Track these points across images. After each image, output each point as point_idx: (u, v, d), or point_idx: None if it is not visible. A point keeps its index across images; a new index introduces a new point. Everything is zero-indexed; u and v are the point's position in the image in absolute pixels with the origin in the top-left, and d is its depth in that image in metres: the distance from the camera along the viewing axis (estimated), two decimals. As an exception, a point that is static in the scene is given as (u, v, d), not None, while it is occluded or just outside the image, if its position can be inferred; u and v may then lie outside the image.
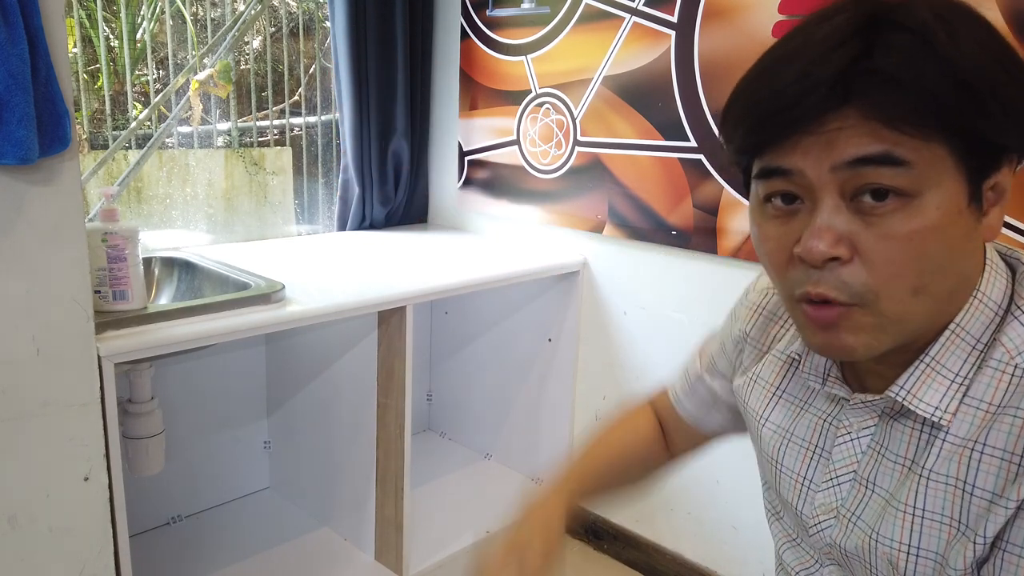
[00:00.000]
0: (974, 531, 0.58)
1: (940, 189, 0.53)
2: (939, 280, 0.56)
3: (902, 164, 0.53)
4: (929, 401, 0.60)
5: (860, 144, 0.53)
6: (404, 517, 1.76)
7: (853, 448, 0.68)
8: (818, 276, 0.57)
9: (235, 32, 2.01)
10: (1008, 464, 0.57)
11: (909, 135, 0.52)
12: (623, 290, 1.97)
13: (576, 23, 1.93)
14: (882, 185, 0.53)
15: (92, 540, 1.22)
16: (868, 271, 0.55)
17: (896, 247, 0.54)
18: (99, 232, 1.26)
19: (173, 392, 1.87)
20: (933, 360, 0.61)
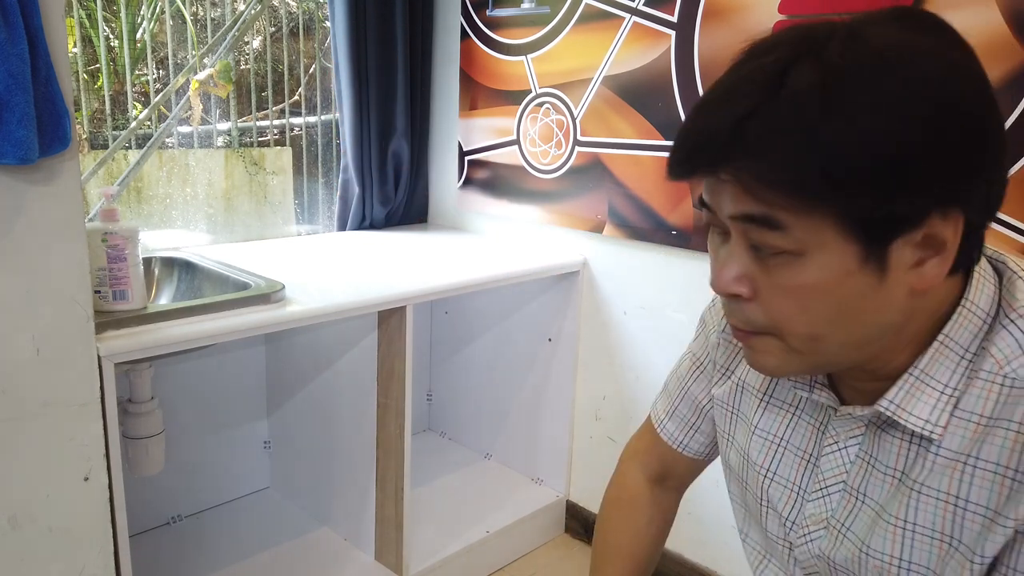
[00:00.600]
0: (970, 549, 0.58)
1: (824, 251, 0.54)
2: (840, 331, 0.57)
3: (779, 228, 0.54)
4: (919, 414, 0.60)
5: (742, 202, 0.55)
6: (404, 517, 1.76)
7: (841, 458, 0.67)
8: (729, 307, 0.61)
9: (235, 32, 2.00)
10: (1003, 479, 0.56)
11: (786, 202, 0.52)
12: (623, 290, 1.97)
13: (576, 23, 1.92)
14: (766, 243, 0.55)
15: (92, 540, 1.22)
16: (765, 312, 0.58)
17: (784, 297, 0.57)
18: (99, 232, 1.26)
19: (173, 392, 1.87)
20: (922, 372, 0.60)
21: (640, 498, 0.94)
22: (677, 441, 0.89)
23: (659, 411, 0.92)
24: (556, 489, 2.20)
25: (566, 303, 2.09)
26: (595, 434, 2.10)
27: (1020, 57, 1.27)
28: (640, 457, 0.95)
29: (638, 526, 0.93)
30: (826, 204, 0.52)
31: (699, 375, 0.86)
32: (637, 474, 0.95)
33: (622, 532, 0.93)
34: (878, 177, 0.51)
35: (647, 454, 0.94)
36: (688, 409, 0.88)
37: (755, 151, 0.52)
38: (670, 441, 0.90)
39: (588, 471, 2.14)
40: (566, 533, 2.20)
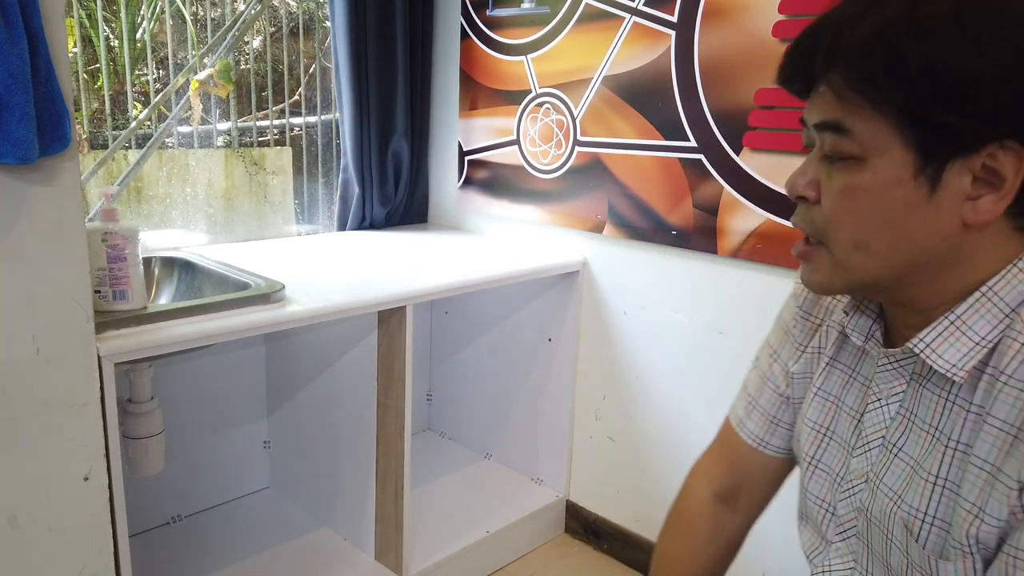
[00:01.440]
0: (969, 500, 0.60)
1: (884, 158, 0.60)
2: (880, 240, 0.62)
3: (846, 132, 0.61)
4: (948, 358, 0.62)
5: (824, 110, 0.63)
6: (404, 517, 1.76)
7: (882, 415, 0.70)
8: (798, 212, 0.68)
9: (235, 32, 2.00)
10: (1006, 436, 0.58)
11: (852, 106, 0.60)
12: (623, 290, 1.97)
13: (576, 23, 1.92)
14: (834, 150, 0.62)
15: (92, 540, 1.22)
16: (824, 215, 0.64)
17: (836, 198, 0.63)
18: (99, 232, 1.26)
19: (173, 392, 1.87)
20: (958, 319, 0.62)
21: (702, 515, 0.92)
22: (757, 438, 0.88)
23: (738, 411, 0.91)
24: (556, 489, 2.20)
25: (566, 303, 2.09)
26: (595, 434, 2.10)
27: None
28: (708, 471, 0.94)
29: (697, 543, 0.91)
30: (891, 105, 0.58)
31: (774, 362, 0.87)
32: (702, 490, 0.93)
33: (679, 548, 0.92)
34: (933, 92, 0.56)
35: (716, 467, 0.93)
36: (769, 400, 0.87)
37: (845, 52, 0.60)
38: (750, 439, 0.89)
39: (588, 471, 2.14)
40: (566, 533, 2.20)
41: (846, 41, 0.59)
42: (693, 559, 0.91)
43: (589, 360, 2.08)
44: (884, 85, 0.58)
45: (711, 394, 1.81)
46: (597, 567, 2.07)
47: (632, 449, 2.01)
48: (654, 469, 1.97)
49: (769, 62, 1.55)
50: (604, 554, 2.11)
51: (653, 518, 1.99)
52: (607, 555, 2.10)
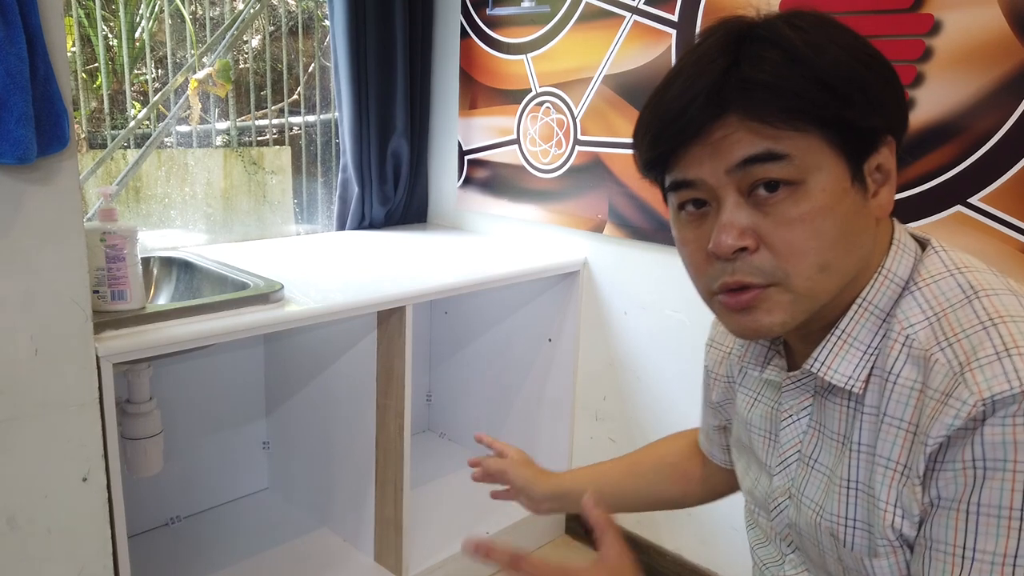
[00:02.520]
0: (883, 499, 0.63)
1: (822, 172, 0.60)
2: (841, 255, 0.62)
3: (783, 157, 0.59)
4: (843, 372, 0.66)
5: (744, 146, 0.60)
6: (404, 518, 1.76)
7: (795, 429, 0.73)
8: (732, 267, 0.63)
9: (234, 31, 2.00)
10: (904, 433, 0.62)
11: (784, 131, 0.59)
12: (623, 290, 1.96)
13: (576, 22, 1.92)
14: (770, 178, 0.60)
15: (91, 541, 1.22)
16: (774, 255, 0.61)
17: (793, 230, 0.61)
18: (98, 232, 1.25)
19: (172, 392, 1.87)
20: (844, 333, 0.66)
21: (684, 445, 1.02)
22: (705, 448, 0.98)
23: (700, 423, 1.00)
24: (556, 489, 2.19)
25: (566, 303, 2.08)
26: (595, 434, 2.10)
27: (1021, 56, 1.27)
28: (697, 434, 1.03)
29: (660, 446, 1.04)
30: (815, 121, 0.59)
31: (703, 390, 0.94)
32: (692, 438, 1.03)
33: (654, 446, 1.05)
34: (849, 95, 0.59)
35: None
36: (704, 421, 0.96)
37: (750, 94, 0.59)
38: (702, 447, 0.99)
39: (588, 471, 2.13)
40: (566, 534, 2.20)
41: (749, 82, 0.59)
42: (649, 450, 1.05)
43: (589, 360, 2.08)
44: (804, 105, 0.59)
45: (711, 394, 1.81)
46: (597, 568, 2.06)
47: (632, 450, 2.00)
48: (654, 469, 1.97)
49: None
50: (604, 554, 2.10)
51: (654, 520, 1.99)
52: (607, 555, 2.10)
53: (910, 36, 1.38)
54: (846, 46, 0.60)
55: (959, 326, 0.60)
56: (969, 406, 0.55)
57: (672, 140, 0.62)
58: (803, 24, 0.61)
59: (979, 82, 1.32)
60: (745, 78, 0.59)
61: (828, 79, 0.58)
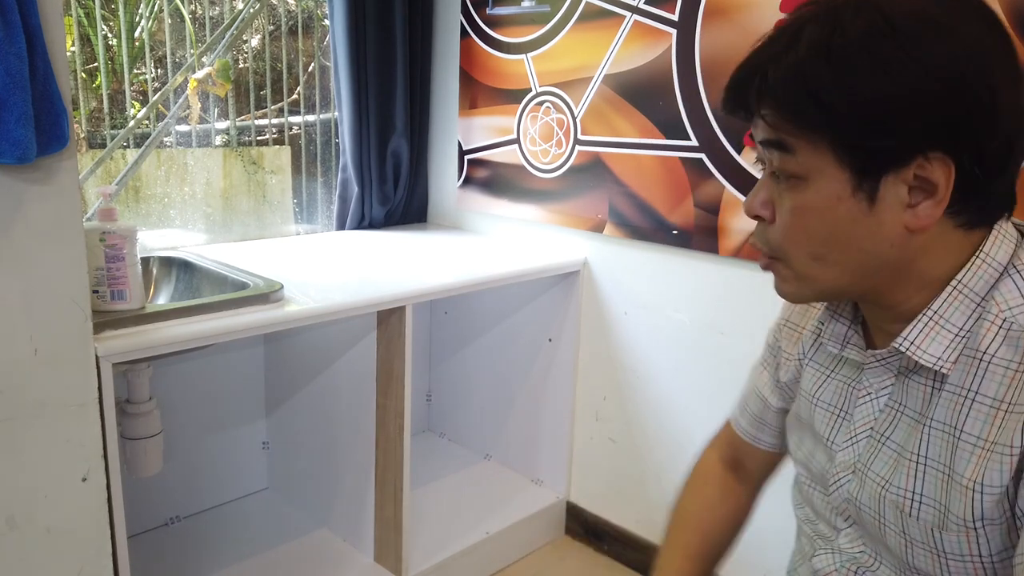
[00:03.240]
0: (964, 476, 0.64)
1: (823, 176, 0.64)
2: (834, 251, 0.66)
3: (789, 151, 0.65)
4: (933, 352, 0.66)
5: (766, 130, 0.66)
6: (403, 518, 1.76)
7: (872, 407, 0.74)
8: (756, 231, 0.71)
9: (234, 30, 2.00)
10: (996, 411, 0.62)
11: (794, 128, 0.63)
12: (623, 290, 1.96)
13: (576, 21, 1.92)
14: (781, 167, 0.66)
15: (90, 541, 1.22)
16: (778, 232, 0.68)
17: (787, 217, 0.67)
18: (97, 231, 1.25)
19: (171, 392, 1.87)
20: (936, 314, 0.66)
21: (714, 475, 1.00)
22: (749, 435, 0.96)
23: (736, 408, 0.99)
24: (556, 490, 2.19)
25: (566, 303, 2.08)
26: (595, 434, 2.09)
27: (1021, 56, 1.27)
28: (717, 443, 1.02)
29: (711, 500, 0.99)
30: (821, 133, 0.62)
31: (763, 371, 0.93)
32: (714, 457, 1.01)
33: (694, 503, 1.00)
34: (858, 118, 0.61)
35: (723, 441, 1.01)
36: (756, 405, 0.94)
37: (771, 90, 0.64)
38: (743, 435, 0.97)
39: (588, 472, 2.13)
40: (567, 535, 2.20)
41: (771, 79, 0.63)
42: (706, 514, 0.98)
43: (589, 360, 2.08)
44: (811, 118, 0.62)
45: (712, 394, 1.81)
46: (598, 569, 2.06)
47: (633, 450, 2.00)
48: (655, 470, 1.97)
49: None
50: (605, 556, 2.10)
51: (654, 520, 1.99)
52: (608, 557, 2.10)
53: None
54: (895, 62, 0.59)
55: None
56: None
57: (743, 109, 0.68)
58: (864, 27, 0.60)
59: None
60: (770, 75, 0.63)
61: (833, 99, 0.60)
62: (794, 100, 0.62)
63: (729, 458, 1.00)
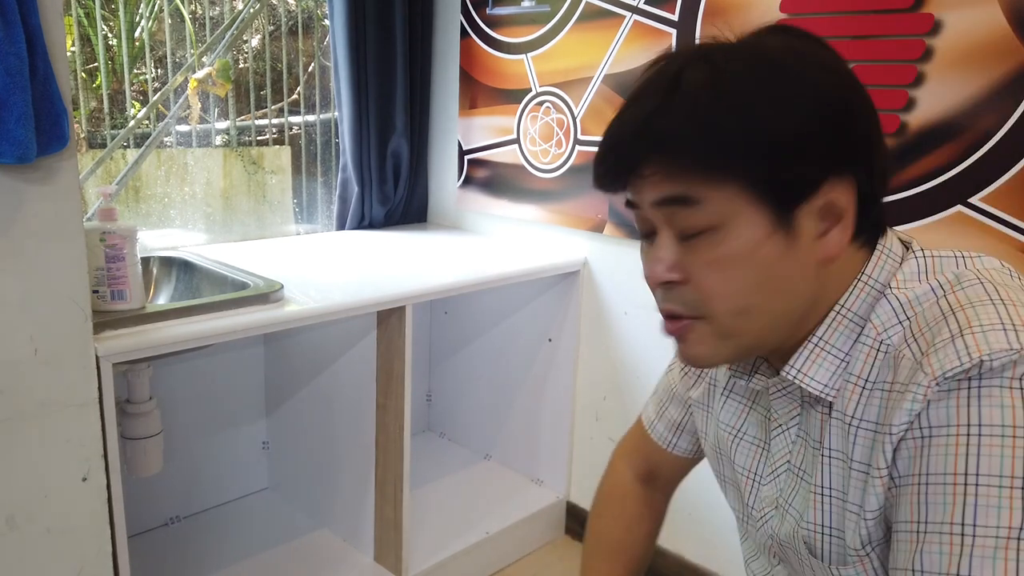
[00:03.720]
0: (857, 504, 0.63)
1: (740, 220, 0.60)
2: (765, 300, 0.62)
3: (694, 203, 0.60)
4: (819, 379, 0.65)
5: (661, 187, 0.61)
6: (404, 518, 1.76)
7: (785, 439, 0.72)
8: (663, 295, 0.66)
9: (234, 30, 2.00)
10: (875, 435, 0.61)
11: (696, 178, 0.59)
12: (623, 290, 1.96)
13: (576, 21, 1.92)
14: (687, 223, 0.61)
15: (90, 541, 1.22)
16: (697, 291, 0.63)
17: (710, 272, 0.62)
18: (97, 231, 1.25)
19: (171, 392, 1.87)
20: (821, 340, 0.65)
21: (630, 495, 0.97)
22: (667, 441, 0.93)
23: (650, 414, 0.96)
24: (556, 490, 2.19)
25: (566, 303, 2.08)
26: (595, 434, 2.10)
27: (1021, 56, 1.27)
28: (630, 456, 1.00)
29: (630, 521, 0.96)
30: (730, 176, 0.59)
31: (685, 377, 0.90)
32: (626, 472, 0.99)
33: (614, 527, 0.97)
34: (768, 151, 0.58)
35: (636, 453, 0.98)
36: (676, 410, 0.92)
37: (663, 142, 0.60)
38: (660, 441, 0.94)
39: (588, 472, 2.13)
40: (567, 535, 2.20)
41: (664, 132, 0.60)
42: (630, 536, 0.96)
43: (589, 360, 2.08)
44: (717, 162, 0.59)
45: (712, 394, 1.81)
46: (597, 568, 2.06)
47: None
48: (654, 469, 1.97)
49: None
50: (604, 555, 2.10)
51: (653, 518, 1.99)
52: (607, 556, 2.09)
53: (910, 36, 1.38)
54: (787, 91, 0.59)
55: (925, 322, 0.60)
56: (924, 387, 0.56)
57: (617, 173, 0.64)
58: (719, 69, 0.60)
59: (979, 82, 1.32)
60: (661, 126, 0.60)
61: (739, 136, 0.58)
62: (695, 148, 0.59)
63: (643, 470, 0.97)
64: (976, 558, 0.53)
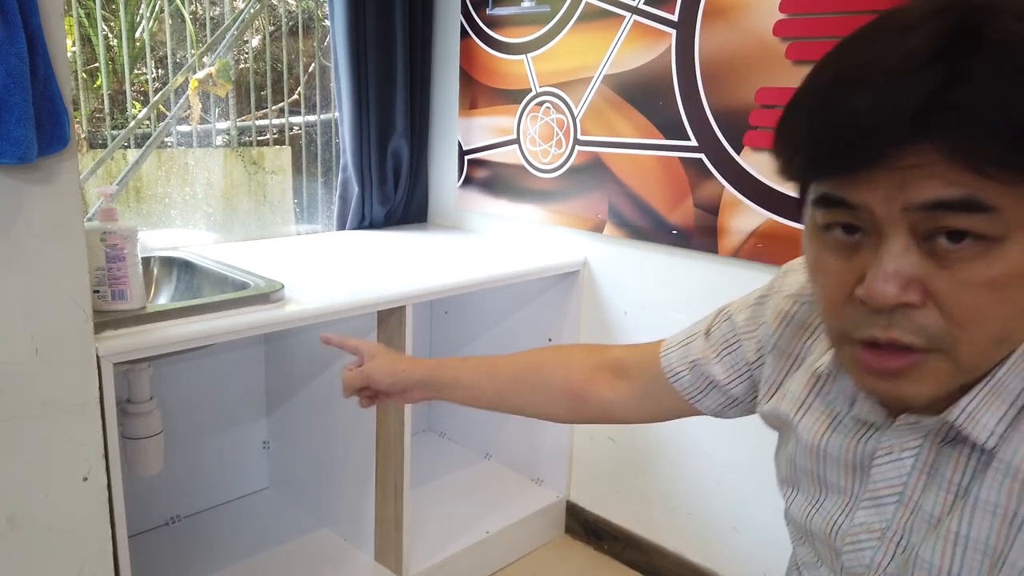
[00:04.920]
0: (1017, 568, 0.54)
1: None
2: (1021, 327, 0.51)
3: (987, 210, 0.47)
4: (988, 424, 0.55)
5: (938, 187, 0.47)
6: (404, 517, 1.76)
7: (896, 469, 0.62)
8: (887, 320, 0.51)
9: (234, 31, 2.00)
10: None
11: (996, 178, 0.46)
12: (623, 290, 1.96)
13: (576, 22, 1.92)
14: (962, 229, 0.48)
15: (91, 540, 1.22)
16: (944, 317, 0.50)
17: (975, 294, 0.49)
18: (98, 231, 1.25)
19: (172, 392, 1.87)
20: (999, 382, 0.55)
21: (579, 349, 0.94)
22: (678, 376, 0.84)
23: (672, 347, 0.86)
24: (556, 490, 2.19)
25: (566, 303, 2.08)
26: (595, 434, 2.10)
27: None
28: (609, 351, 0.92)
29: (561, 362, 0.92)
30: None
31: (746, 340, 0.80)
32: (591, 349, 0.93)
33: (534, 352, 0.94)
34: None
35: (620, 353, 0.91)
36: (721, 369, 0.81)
37: (960, 125, 0.45)
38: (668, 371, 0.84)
39: (588, 472, 2.13)
40: (567, 534, 2.20)
41: (968, 109, 0.45)
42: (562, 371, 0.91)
43: (589, 360, 2.07)
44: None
45: (712, 394, 1.81)
46: (597, 568, 2.07)
47: (632, 449, 2.00)
48: (655, 470, 1.97)
49: (770, 61, 1.55)
50: (604, 555, 2.10)
51: (654, 519, 1.99)
52: (607, 556, 2.10)
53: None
54: None
55: None
56: None
57: (849, 161, 0.50)
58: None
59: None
60: (961, 105, 0.45)
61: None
62: (1019, 126, 0.45)
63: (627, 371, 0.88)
64: None
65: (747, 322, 0.80)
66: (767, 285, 0.82)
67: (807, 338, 0.73)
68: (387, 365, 0.95)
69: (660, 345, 0.88)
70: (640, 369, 0.89)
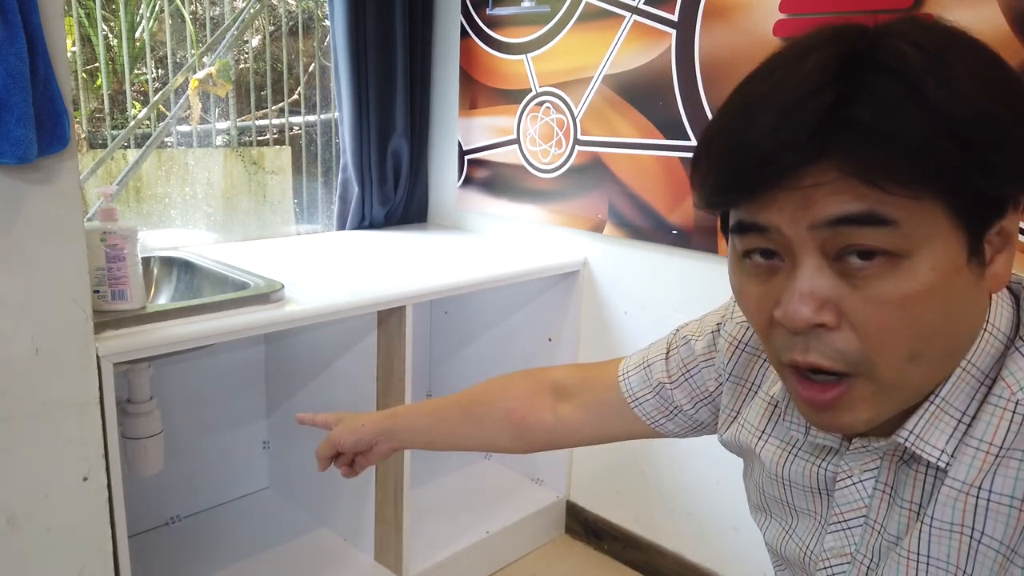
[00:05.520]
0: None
1: (933, 247, 0.48)
2: (936, 343, 0.52)
3: (887, 223, 0.47)
4: (936, 444, 0.55)
5: (839, 202, 0.48)
6: (404, 517, 1.76)
7: (858, 492, 0.62)
8: (804, 343, 0.52)
9: (234, 31, 2.00)
10: (1019, 513, 0.52)
11: (895, 193, 0.47)
12: (623, 290, 1.96)
13: (576, 22, 1.92)
14: (868, 246, 0.48)
15: (91, 540, 1.22)
16: (859, 337, 0.51)
17: (887, 312, 0.49)
18: (98, 231, 1.26)
19: (172, 392, 1.87)
20: (943, 401, 0.55)
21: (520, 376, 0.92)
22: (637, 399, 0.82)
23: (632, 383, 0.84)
24: (556, 489, 2.19)
25: (566, 303, 2.08)
26: (595, 434, 2.09)
27: (1021, 56, 1.27)
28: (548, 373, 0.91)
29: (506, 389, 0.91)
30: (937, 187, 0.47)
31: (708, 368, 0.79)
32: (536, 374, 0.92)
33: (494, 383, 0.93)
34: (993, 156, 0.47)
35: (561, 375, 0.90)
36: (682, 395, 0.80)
37: (857, 142, 0.46)
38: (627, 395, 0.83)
39: (588, 472, 2.13)
40: (566, 534, 2.20)
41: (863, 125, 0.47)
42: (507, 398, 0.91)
43: (589, 360, 2.07)
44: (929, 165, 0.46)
45: (711, 394, 1.81)
46: (597, 568, 2.07)
47: (632, 450, 2.00)
48: (655, 470, 1.97)
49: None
50: (604, 555, 2.11)
51: (654, 519, 1.99)
52: (607, 556, 2.10)
53: (910, 36, 1.38)
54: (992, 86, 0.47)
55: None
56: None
57: (753, 184, 0.50)
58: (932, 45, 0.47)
59: (979, 82, 1.32)
60: (856, 122, 0.46)
61: (964, 133, 0.46)
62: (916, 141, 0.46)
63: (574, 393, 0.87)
64: None
65: (706, 350, 0.80)
66: (722, 307, 0.82)
67: (760, 364, 0.74)
68: (348, 425, 0.96)
69: (613, 367, 0.87)
70: (587, 391, 0.87)
